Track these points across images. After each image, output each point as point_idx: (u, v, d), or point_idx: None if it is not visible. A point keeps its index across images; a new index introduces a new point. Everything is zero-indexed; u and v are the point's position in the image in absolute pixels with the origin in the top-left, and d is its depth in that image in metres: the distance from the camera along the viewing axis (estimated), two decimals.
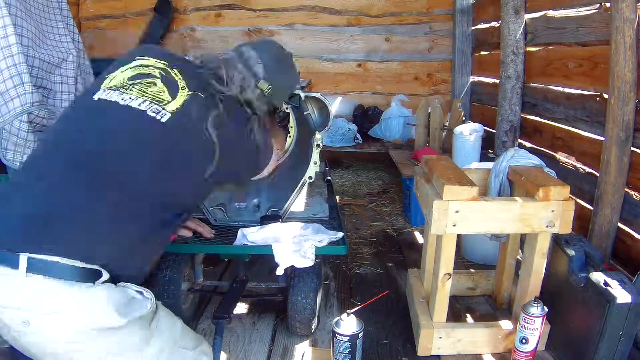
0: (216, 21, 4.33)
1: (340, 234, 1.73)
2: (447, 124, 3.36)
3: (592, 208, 2.02)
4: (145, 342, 1.07)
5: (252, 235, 1.68)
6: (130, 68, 1.22)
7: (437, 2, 4.20)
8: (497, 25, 3.17)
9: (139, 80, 1.18)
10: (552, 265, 1.69)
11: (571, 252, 1.58)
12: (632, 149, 1.86)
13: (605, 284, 1.41)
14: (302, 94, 1.80)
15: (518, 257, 1.83)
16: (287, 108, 1.93)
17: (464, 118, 3.32)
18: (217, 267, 2.25)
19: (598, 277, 1.45)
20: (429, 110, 3.43)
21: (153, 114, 1.12)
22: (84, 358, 1.02)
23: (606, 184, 1.91)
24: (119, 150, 1.10)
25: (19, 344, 1.00)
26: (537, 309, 1.46)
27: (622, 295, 1.35)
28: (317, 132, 1.77)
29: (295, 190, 1.84)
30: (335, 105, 4.35)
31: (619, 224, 1.94)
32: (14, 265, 0.94)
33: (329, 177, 2.49)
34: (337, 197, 2.85)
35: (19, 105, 1.83)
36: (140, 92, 1.16)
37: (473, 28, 3.97)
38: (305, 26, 4.34)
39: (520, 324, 1.49)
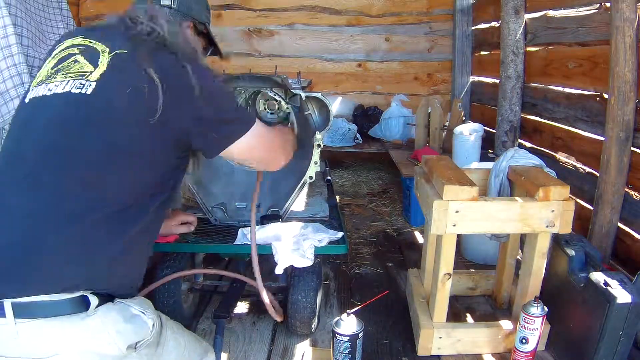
0: (216, 21, 4.32)
1: (340, 234, 1.73)
2: (447, 124, 3.36)
3: (592, 208, 2.02)
4: None
5: None
6: (52, 57, 1.17)
7: (437, 2, 4.21)
8: (497, 25, 3.18)
9: (61, 65, 1.12)
10: (552, 265, 1.69)
11: (571, 252, 1.58)
12: (632, 149, 1.86)
13: (605, 284, 1.41)
14: (303, 94, 1.80)
15: (518, 257, 1.83)
16: (287, 108, 1.93)
17: (464, 118, 3.32)
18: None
19: (598, 277, 1.44)
20: (429, 110, 3.43)
21: (77, 90, 1.05)
22: None
23: (606, 184, 1.91)
24: (58, 148, 1.02)
25: None
26: (537, 309, 1.46)
27: (622, 295, 1.35)
28: (317, 132, 1.77)
29: (296, 190, 1.84)
30: (336, 105, 4.35)
31: (619, 224, 1.94)
32: (1, 313, 0.89)
33: (329, 177, 2.49)
34: (337, 197, 2.85)
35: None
36: (63, 75, 1.09)
37: (473, 28, 3.97)
38: (305, 26, 4.34)
39: (520, 324, 1.49)
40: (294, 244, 1.63)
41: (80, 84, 1.06)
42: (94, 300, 0.96)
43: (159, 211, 1.16)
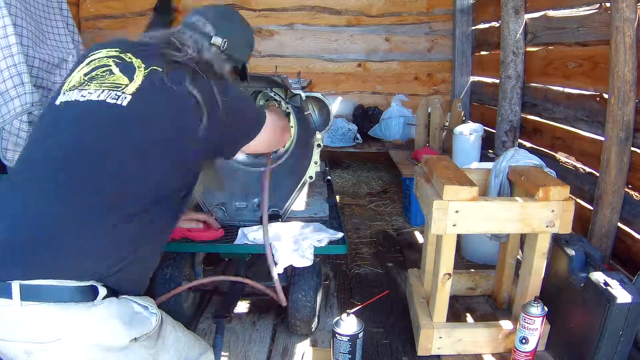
0: None
1: (340, 234, 1.73)
2: (447, 124, 3.36)
3: (592, 208, 2.02)
4: None
5: (253, 235, 1.68)
6: (86, 65, 1.20)
7: (437, 2, 4.21)
8: (497, 25, 3.18)
9: (94, 73, 1.16)
10: (552, 265, 1.69)
11: (571, 252, 1.58)
12: (632, 149, 1.86)
13: (605, 284, 1.41)
14: (303, 94, 1.80)
15: (518, 257, 1.83)
16: (287, 108, 1.93)
17: (464, 118, 3.32)
18: (217, 267, 2.25)
19: (598, 277, 1.44)
20: (429, 110, 3.43)
21: (113, 101, 1.09)
22: None
23: (606, 184, 1.91)
24: (88, 149, 1.07)
25: None
26: (537, 309, 1.46)
27: (622, 295, 1.35)
28: (317, 132, 1.78)
29: (296, 190, 1.84)
30: (336, 105, 4.35)
31: (619, 224, 1.94)
32: (7, 294, 0.90)
33: (329, 177, 2.49)
34: (337, 197, 2.85)
35: (19, 105, 1.83)
36: (98, 84, 1.13)
37: (473, 28, 3.97)
38: (305, 26, 4.34)
39: (520, 324, 1.49)
40: (293, 243, 1.63)
41: (116, 95, 1.10)
42: (102, 290, 0.98)
43: (174, 213, 1.21)
